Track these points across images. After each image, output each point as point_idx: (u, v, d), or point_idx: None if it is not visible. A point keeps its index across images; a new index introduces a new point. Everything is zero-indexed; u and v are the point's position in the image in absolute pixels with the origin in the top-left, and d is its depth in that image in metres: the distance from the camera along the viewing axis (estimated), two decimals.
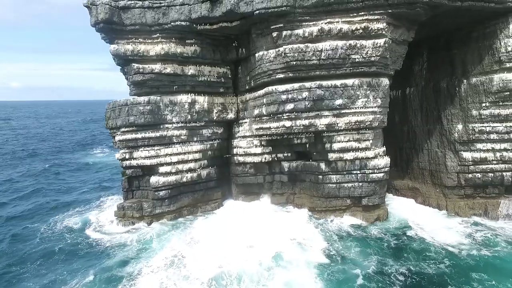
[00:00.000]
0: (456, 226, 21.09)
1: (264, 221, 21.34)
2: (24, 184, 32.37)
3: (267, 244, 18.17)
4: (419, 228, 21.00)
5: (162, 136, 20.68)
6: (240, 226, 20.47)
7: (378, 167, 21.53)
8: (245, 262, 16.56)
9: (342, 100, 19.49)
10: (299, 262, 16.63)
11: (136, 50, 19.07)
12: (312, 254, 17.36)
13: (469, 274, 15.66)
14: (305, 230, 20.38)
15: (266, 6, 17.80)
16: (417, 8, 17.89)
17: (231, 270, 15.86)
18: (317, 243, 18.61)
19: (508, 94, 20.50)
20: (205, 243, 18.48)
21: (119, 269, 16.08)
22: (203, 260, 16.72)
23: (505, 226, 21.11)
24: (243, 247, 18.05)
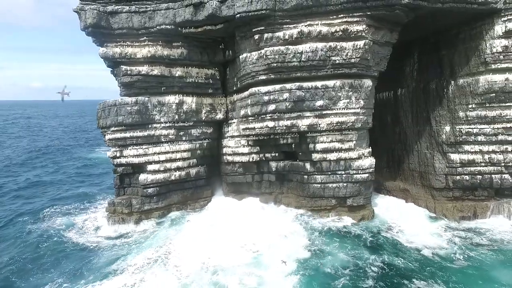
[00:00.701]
0: (440, 229, 20.96)
1: (251, 220, 21.77)
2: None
3: (251, 242, 18.58)
4: (401, 229, 21.02)
5: (150, 136, 21.50)
6: (226, 225, 20.95)
7: (363, 168, 21.70)
8: (227, 258, 16.98)
9: (323, 101, 19.79)
10: (279, 258, 16.91)
11: (123, 53, 19.93)
12: (293, 251, 17.66)
13: (435, 274, 15.76)
14: (290, 229, 20.67)
15: (246, 9, 18.32)
16: (396, 10, 18.01)
17: (212, 265, 16.36)
18: (299, 241, 18.88)
19: (494, 95, 20.33)
20: (191, 241, 18.97)
21: (104, 268, 16.50)
22: (187, 256, 17.24)
23: (492, 230, 20.83)
24: (226, 244, 18.43)
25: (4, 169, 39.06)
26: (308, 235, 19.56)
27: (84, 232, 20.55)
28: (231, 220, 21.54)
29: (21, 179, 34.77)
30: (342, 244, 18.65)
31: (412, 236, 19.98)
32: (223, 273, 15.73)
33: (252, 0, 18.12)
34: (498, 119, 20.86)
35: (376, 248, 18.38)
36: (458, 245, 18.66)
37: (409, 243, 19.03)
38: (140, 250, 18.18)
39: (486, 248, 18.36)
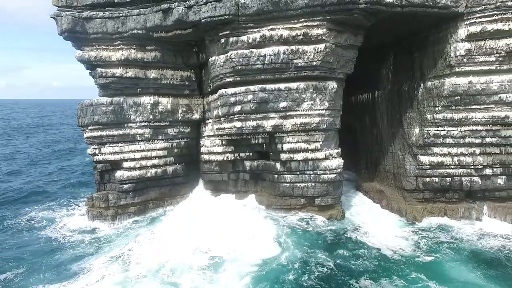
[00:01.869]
0: (408, 230, 21.11)
1: (222, 219, 22.10)
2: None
3: (216, 243, 18.96)
4: (368, 230, 21.31)
5: (126, 134, 22.67)
6: (199, 223, 21.47)
7: (330, 168, 22.19)
8: (190, 257, 17.48)
9: (286, 102, 20.42)
10: (240, 257, 17.39)
11: (99, 56, 21.15)
12: (256, 252, 18.02)
13: (390, 273, 16.07)
14: (259, 228, 20.98)
15: (211, 14, 19.18)
16: (354, 15, 18.48)
17: (170, 267, 16.63)
18: (264, 242, 19.22)
19: (459, 98, 20.45)
20: (159, 239, 19.51)
21: (65, 265, 17.10)
22: (149, 256, 17.64)
23: (460, 232, 20.90)
24: (193, 243, 18.89)
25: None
26: (274, 235, 19.87)
27: (59, 226, 21.76)
28: (204, 220, 21.97)
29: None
30: (305, 243, 19.03)
31: (377, 236, 20.29)
32: (178, 274, 16.05)
33: (216, 6, 18.97)
34: (464, 122, 20.94)
35: (337, 248, 18.75)
36: (422, 245, 18.88)
37: (372, 243, 19.28)
38: (106, 248, 18.91)
39: (448, 248, 18.52)
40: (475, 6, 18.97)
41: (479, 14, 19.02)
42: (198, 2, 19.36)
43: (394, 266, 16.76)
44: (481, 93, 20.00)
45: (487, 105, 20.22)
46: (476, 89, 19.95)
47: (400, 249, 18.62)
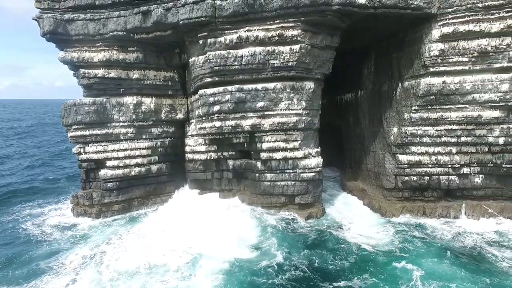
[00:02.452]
0: (387, 228, 21.20)
1: (204, 217, 22.42)
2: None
3: (194, 241, 19.10)
4: (348, 228, 21.55)
5: (109, 134, 23.16)
6: (180, 223, 21.69)
7: (309, 167, 22.54)
8: (166, 257, 17.48)
9: (264, 102, 20.82)
10: (218, 259, 17.32)
11: (81, 57, 21.65)
12: (233, 252, 18.13)
13: (364, 271, 16.27)
14: (238, 227, 21.18)
15: (188, 16, 19.61)
16: (328, 16, 18.84)
17: (147, 266, 16.68)
18: (243, 240, 19.44)
19: (433, 98, 20.74)
20: (137, 239, 19.70)
21: (39, 262, 17.18)
22: (124, 256, 17.76)
23: (436, 231, 21.04)
24: (172, 243, 18.99)
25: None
26: (254, 235, 20.10)
27: (41, 223, 22.30)
28: (185, 219, 22.22)
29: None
30: (283, 243, 19.15)
31: (355, 235, 20.47)
32: (151, 275, 15.97)
33: (193, 8, 19.39)
34: (440, 121, 21.24)
35: (314, 247, 18.91)
36: (398, 243, 18.99)
37: (350, 242, 19.41)
38: (82, 245, 19.12)
39: (424, 245, 18.73)
40: (447, 8, 19.27)
41: (451, 15, 19.31)
42: (176, 4, 19.81)
43: (369, 264, 16.96)
44: (455, 93, 20.30)
45: (461, 104, 20.51)
46: (450, 89, 20.25)
47: (376, 247, 18.84)
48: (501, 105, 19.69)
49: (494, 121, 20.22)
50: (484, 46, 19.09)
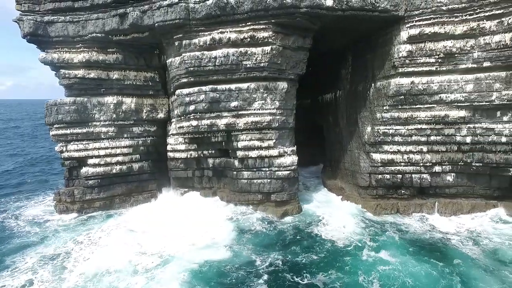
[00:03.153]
0: (360, 226, 21.56)
1: (182, 217, 22.86)
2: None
3: (166, 241, 19.29)
4: (322, 225, 22.01)
5: (90, 132, 23.84)
6: (156, 222, 22.11)
7: (284, 165, 23.12)
8: (134, 258, 17.31)
9: (237, 102, 21.42)
10: (187, 257, 17.46)
11: (61, 58, 22.30)
12: (204, 250, 18.41)
13: (331, 268, 16.78)
14: (215, 226, 21.61)
15: (163, 19, 20.25)
16: (297, 18, 19.43)
17: (106, 270, 16.34)
18: (216, 239, 19.82)
19: (403, 98, 21.30)
20: (108, 240, 19.70)
21: (3, 257, 17.44)
22: (89, 256, 17.71)
23: (410, 227, 21.48)
24: (143, 243, 18.99)
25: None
26: (229, 234, 20.46)
27: (19, 216, 23.15)
28: (162, 219, 22.68)
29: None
30: (256, 240, 19.63)
31: (328, 232, 20.90)
32: (117, 276, 15.82)
33: (168, 10, 20.02)
34: (410, 121, 21.80)
35: (288, 242, 19.45)
36: (369, 241, 19.38)
37: (322, 239, 19.82)
38: (50, 241, 19.39)
39: (394, 241, 19.20)
40: (414, 10, 19.83)
41: (417, 18, 19.88)
42: (152, 7, 20.45)
43: (336, 259, 17.47)
44: (423, 93, 20.84)
45: (429, 104, 21.06)
46: (418, 89, 20.79)
47: (347, 242, 19.32)
48: (466, 105, 20.22)
49: (461, 121, 20.76)
50: (450, 48, 19.64)
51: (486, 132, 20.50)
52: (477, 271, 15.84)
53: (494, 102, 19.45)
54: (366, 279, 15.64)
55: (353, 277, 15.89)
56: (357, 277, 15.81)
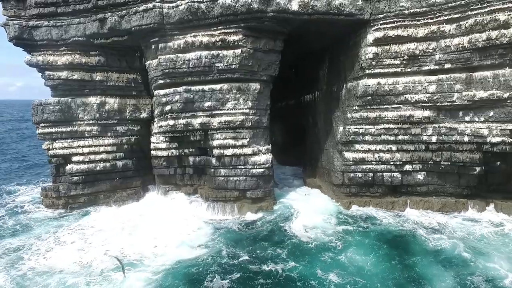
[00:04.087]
0: (332, 222, 21.99)
1: (160, 214, 23.79)
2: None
3: (137, 241, 19.53)
4: (294, 221, 22.35)
5: (74, 131, 25.04)
6: (131, 220, 22.93)
7: (258, 163, 23.98)
8: (99, 258, 17.38)
9: (211, 102, 22.38)
10: (155, 258, 17.52)
11: (46, 61, 23.53)
12: (174, 250, 18.53)
13: (296, 259, 17.35)
14: (190, 222, 22.50)
15: (139, 23, 21.32)
16: (265, 22, 20.33)
17: (72, 265, 16.70)
18: (191, 235, 20.48)
19: (370, 98, 22.03)
20: (71, 236, 20.28)
21: None
22: (51, 253, 18.05)
23: (381, 222, 21.80)
24: (112, 243, 19.16)
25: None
26: (203, 232, 20.98)
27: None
28: (138, 217, 23.64)
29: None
30: (229, 237, 20.12)
31: (299, 228, 21.18)
32: (75, 276, 15.86)
33: (144, 15, 21.08)
34: (379, 120, 22.50)
35: (259, 238, 19.86)
36: (336, 237, 19.78)
37: (291, 235, 20.27)
38: (18, 236, 20.26)
39: (361, 235, 19.76)
40: (378, 14, 20.57)
41: (382, 21, 20.62)
42: (129, 12, 21.53)
43: (301, 254, 17.86)
44: (389, 94, 21.55)
45: (396, 104, 21.75)
46: (384, 90, 21.50)
47: (315, 237, 19.80)
48: (430, 105, 20.88)
49: (426, 121, 21.42)
50: (413, 50, 20.34)
51: (450, 131, 21.14)
52: (435, 267, 16.29)
53: (455, 103, 20.09)
54: (323, 271, 16.12)
55: (311, 268, 16.49)
56: (315, 269, 16.36)
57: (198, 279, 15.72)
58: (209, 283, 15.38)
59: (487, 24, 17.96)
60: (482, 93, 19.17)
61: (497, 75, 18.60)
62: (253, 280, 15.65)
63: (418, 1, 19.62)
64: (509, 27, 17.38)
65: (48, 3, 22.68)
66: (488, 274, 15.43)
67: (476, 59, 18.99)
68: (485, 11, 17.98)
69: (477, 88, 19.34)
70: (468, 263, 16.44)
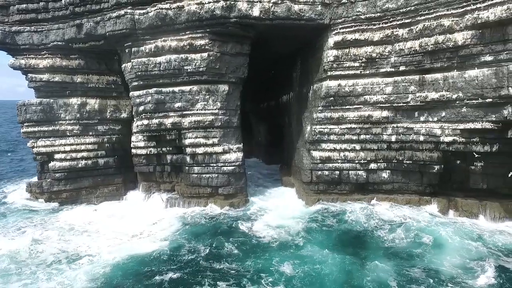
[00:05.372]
0: (298, 220, 22.33)
1: (134, 209, 25.17)
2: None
3: (99, 237, 20.20)
4: (261, 219, 22.95)
5: (56, 130, 26.47)
6: (101, 216, 24.04)
7: (229, 161, 25.11)
8: (54, 253, 17.71)
9: (181, 103, 23.60)
10: (111, 251, 17.85)
11: (28, 64, 25.02)
12: (133, 245, 18.86)
13: (254, 255, 17.58)
14: (160, 218, 23.42)
15: (113, 29, 22.66)
16: (229, 27, 21.47)
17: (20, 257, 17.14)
18: (157, 231, 21.15)
19: (333, 99, 22.99)
20: (33, 230, 20.78)
21: None
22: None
23: (346, 219, 22.22)
24: (69, 239, 19.61)
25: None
26: (171, 225, 21.87)
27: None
28: (110, 213, 24.85)
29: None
30: (194, 230, 20.65)
31: (267, 225, 21.44)
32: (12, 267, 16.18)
33: (116, 21, 22.39)
34: (342, 120, 23.41)
35: (222, 235, 20.13)
36: (299, 233, 20.18)
37: (256, 232, 20.66)
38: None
39: (324, 234, 20.13)
40: (337, 19, 21.57)
41: (341, 26, 21.61)
42: (104, 18, 22.88)
43: (260, 250, 18.14)
44: (350, 95, 22.49)
45: (356, 105, 22.66)
46: (345, 91, 22.46)
47: (279, 235, 19.98)
48: (387, 106, 21.80)
49: (385, 121, 22.33)
50: (370, 53, 21.29)
51: (407, 131, 21.99)
52: (384, 259, 16.85)
53: (410, 104, 20.98)
54: (277, 265, 16.36)
55: (265, 263, 16.66)
56: (269, 264, 16.51)
57: (146, 272, 16.02)
58: (157, 277, 15.60)
59: (434, 29, 18.86)
60: (433, 94, 20.05)
61: (446, 77, 19.46)
62: (203, 274, 15.92)
63: (373, 7, 20.58)
64: (454, 32, 18.26)
65: (29, 10, 24.21)
66: (430, 267, 16.06)
67: (428, 62, 19.87)
68: (432, 17, 18.89)
69: (429, 89, 20.21)
70: (415, 257, 17.04)
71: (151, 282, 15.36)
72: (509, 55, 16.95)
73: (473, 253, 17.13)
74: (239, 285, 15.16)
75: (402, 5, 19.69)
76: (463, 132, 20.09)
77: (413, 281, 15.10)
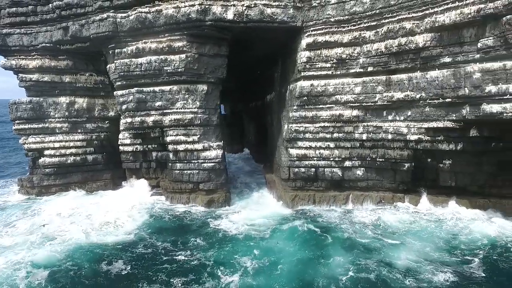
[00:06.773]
0: (269, 216, 23.29)
1: (107, 204, 25.88)
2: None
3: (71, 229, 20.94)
4: (236, 214, 23.84)
5: (45, 128, 27.81)
6: (84, 205, 25.41)
7: (209, 158, 26.09)
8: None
9: (161, 102, 24.66)
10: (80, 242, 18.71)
11: (18, 64, 26.34)
12: (97, 236, 19.80)
13: (218, 249, 18.34)
14: (131, 212, 24.17)
15: (96, 31, 23.84)
16: (205, 30, 22.45)
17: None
18: (125, 224, 21.89)
19: (306, 99, 23.84)
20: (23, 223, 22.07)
21: None
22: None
23: (321, 216, 23.36)
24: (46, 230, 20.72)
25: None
26: (139, 219, 22.71)
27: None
28: (89, 204, 26.00)
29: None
30: (160, 225, 21.48)
31: (239, 221, 22.42)
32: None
33: (100, 24, 23.56)
34: (316, 119, 24.22)
35: (191, 229, 21.02)
36: (269, 229, 20.84)
37: (228, 227, 21.39)
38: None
39: (293, 231, 20.49)
40: (309, 21, 22.41)
41: (312, 28, 22.44)
42: (88, 21, 24.09)
43: (225, 245, 18.74)
44: (322, 95, 23.31)
45: (329, 104, 23.49)
46: (317, 91, 23.29)
47: (244, 231, 20.65)
48: (357, 105, 22.59)
49: (356, 119, 23.11)
50: (340, 54, 22.10)
51: (377, 130, 22.76)
52: (342, 252, 17.64)
53: (378, 103, 21.76)
54: (239, 258, 17.03)
55: (227, 256, 17.37)
56: (231, 257, 17.23)
57: (102, 261, 16.85)
58: (110, 266, 16.45)
59: (397, 31, 19.63)
60: (399, 94, 20.81)
61: (411, 77, 20.21)
62: (160, 266, 16.51)
63: (341, 10, 21.40)
64: (415, 34, 19.01)
65: (19, 13, 25.55)
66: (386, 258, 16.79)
67: (393, 63, 20.63)
68: (395, 20, 19.67)
69: (395, 89, 20.97)
70: (374, 250, 17.74)
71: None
72: (465, 57, 17.70)
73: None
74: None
75: (368, 9, 20.48)
76: (428, 131, 20.83)
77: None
